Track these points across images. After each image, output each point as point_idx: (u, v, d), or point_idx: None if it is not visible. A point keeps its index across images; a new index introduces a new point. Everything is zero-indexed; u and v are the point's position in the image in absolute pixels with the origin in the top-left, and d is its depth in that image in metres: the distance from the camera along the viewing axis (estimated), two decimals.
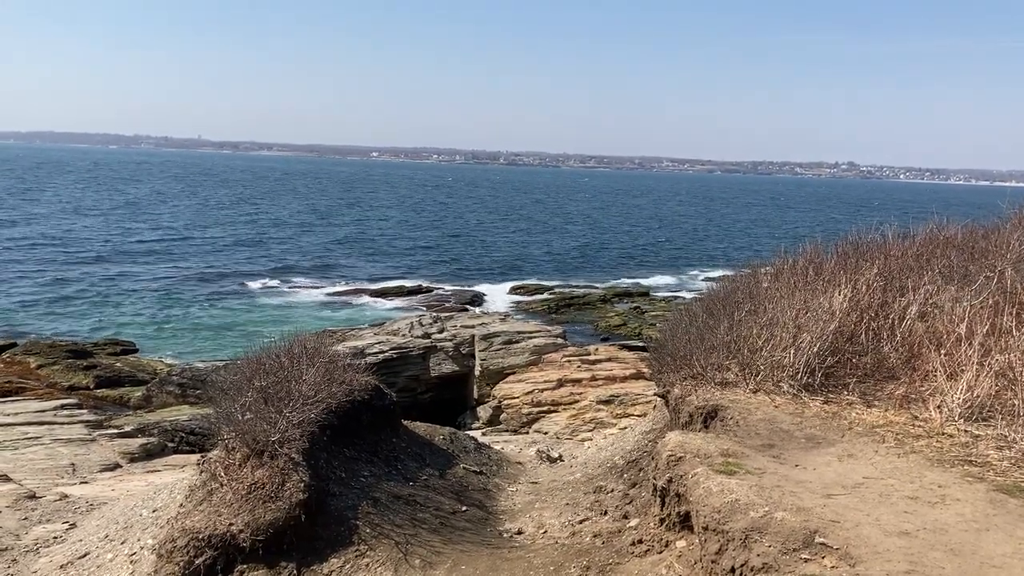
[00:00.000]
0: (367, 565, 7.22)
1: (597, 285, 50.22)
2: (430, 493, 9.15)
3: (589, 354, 24.36)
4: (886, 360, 8.60)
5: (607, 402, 20.66)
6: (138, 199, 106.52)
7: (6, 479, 13.32)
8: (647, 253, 71.72)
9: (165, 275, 48.17)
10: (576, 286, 49.64)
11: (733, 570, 5.19)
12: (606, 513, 8.51)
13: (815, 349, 8.29)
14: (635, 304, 44.01)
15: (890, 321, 9.11)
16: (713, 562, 5.47)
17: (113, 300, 40.81)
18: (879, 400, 7.89)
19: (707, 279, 54.79)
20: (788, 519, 5.19)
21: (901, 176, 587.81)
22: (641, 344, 29.70)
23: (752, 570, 5.01)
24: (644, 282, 53.66)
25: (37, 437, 16.46)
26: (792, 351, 8.30)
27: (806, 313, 8.95)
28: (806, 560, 4.83)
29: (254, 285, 47.09)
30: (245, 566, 7.02)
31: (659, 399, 10.63)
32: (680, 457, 6.47)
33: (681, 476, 6.30)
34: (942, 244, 12.30)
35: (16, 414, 18.00)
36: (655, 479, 6.80)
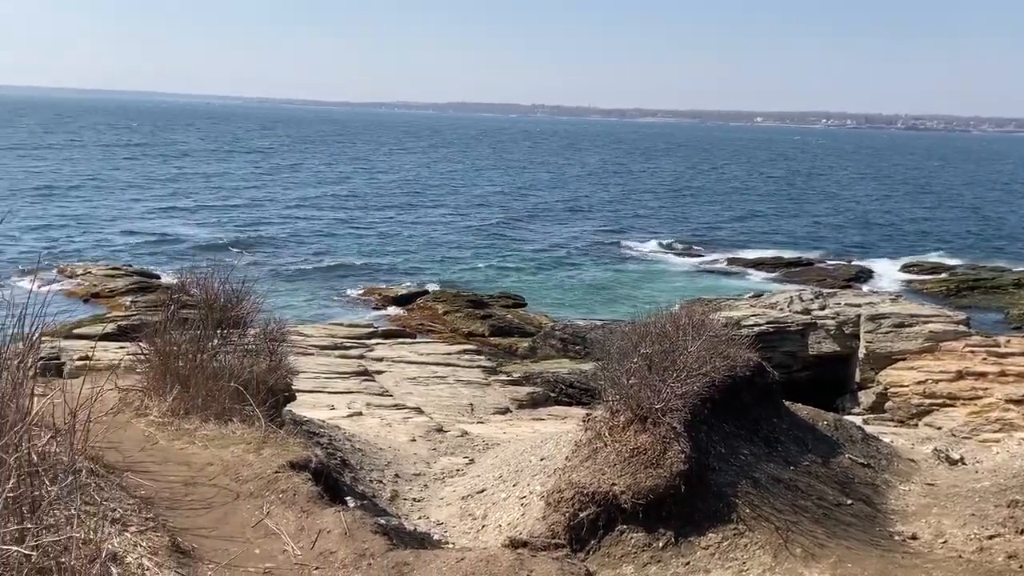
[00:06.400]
0: (745, 545, 7.10)
1: (1010, 267, 43.96)
2: (812, 480, 8.72)
3: (998, 345, 21.49)
4: None
5: (1020, 402, 18.11)
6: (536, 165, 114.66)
7: (419, 411, 15.24)
8: None
9: (553, 237, 51.34)
10: (982, 267, 43.92)
11: None
12: (1023, 532, 7.46)
13: None
14: None
15: None
16: None
17: (504, 256, 44.61)
18: None
19: None
20: None
21: None
22: None
23: None
24: None
25: (443, 377, 18.59)
26: None
27: None
28: None
29: (627, 248, 48.47)
30: (625, 526, 7.27)
31: None
32: None
33: None
34: None
35: (428, 354, 20.51)
36: None
